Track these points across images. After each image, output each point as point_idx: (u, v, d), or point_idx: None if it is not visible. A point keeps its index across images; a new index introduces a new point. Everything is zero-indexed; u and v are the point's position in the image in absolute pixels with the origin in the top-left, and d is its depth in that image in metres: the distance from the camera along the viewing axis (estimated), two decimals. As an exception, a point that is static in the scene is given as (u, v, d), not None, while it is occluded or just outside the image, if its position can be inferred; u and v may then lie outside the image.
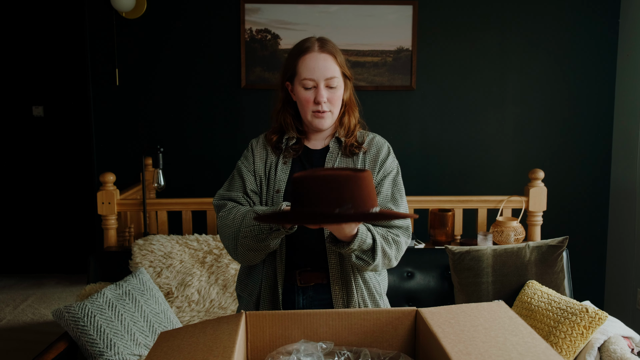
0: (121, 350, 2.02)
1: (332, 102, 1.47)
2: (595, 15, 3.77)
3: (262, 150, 1.54)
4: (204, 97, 3.83)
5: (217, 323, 1.15)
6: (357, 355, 1.15)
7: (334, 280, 1.47)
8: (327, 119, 1.48)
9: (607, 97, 3.83)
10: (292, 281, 1.47)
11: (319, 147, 1.54)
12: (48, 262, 4.51)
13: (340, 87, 1.48)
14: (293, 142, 1.52)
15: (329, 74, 1.44)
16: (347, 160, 1.51)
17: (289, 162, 1.51)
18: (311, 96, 1.45)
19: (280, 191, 1.47)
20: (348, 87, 1.52)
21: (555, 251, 2.38)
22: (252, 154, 1.54)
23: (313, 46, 1.46)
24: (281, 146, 1.52)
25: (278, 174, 1.49)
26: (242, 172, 1.52)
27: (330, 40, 1.51)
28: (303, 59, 1.45)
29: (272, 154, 1.53)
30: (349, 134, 1.52)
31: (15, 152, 4.45)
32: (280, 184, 1.48)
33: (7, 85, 4.39)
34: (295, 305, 1.49)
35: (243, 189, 1.50)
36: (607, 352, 1.99)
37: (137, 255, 2.48)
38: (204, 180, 3.89)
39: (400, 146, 3.85)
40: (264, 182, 1.50)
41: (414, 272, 2.53)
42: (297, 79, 1.46)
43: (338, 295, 1.47)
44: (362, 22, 3.75)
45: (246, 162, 1.54)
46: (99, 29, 3.74)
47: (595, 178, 3.88)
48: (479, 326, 1.10)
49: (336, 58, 1.47)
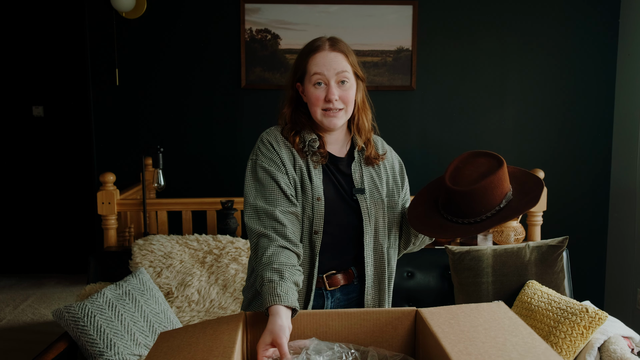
0: (121, 350, 2.02)
1: (345, 100, 1.42)
2: (595, 16, 3.77)
3: (287, 151, 1.43)
4: (204, 97, 3.83)
5: (217, 323, 1.15)
6: (365, 356, 1.15)
7: (369, 281, 1.47)
8: (339, 118, 1.42)
9: (607, 97, 3.83)
10: (318, 285, 1.46)
11: (341, 154, 1.50)
12: (48, 262, 4.51)
13: (352, 86, 1.43)
14: (318, 145, 1.44)
15: (341, 68, 1.40)
16: (369, 168, 1.50)
17: (319, 167, 1.43)
18: (321, 94, 1.40)
19: (321, 199, 1.40)
20: (360, 88, 1.48)
21: (555, 251, 2.38)
22: (277, 153, 1.42)
23: (324, 45, 1.42)
24: (304, 147, 1.44)
25: (314, 181, 1.41)
26: (273, 174, 1.39)
27: (342, 40, 1.47)
28: (313, 57, 1.41)
29: (299, 157, 1.43)
30: (367, 141, 1.50)
31: (15, 152, 4.45)
32: (319, 192, 1.41)
33: (7, 85, 4.39)
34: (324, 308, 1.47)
35: (283, 194, 1.37)
36: (607, 352, 1.99)
37: (137, 255, 2.48)
38: (204, 180, 3.89)
39: (400, 146, 3.82)
40: (299, 186, 1.41)
41: (414, 272, 2.53)
42: (307, 76, 1.42)
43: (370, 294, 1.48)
44: (362, 22, 3.75)
45: (272, 163, 1.40)
46: (99, 29, 3.74)
47: (595, 178, 3.88)
48: (479, 326, 1.10)
49: (348, 57, 1.43)
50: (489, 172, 1.30)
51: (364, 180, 1.48)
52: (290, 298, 1.18)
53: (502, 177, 1.31)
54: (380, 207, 1.47)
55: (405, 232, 1.54)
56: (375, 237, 1.47)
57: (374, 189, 1.48)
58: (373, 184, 1.49)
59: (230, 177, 3.85)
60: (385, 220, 1.48)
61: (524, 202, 1.30)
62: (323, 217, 1.40)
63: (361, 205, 1.45)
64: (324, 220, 1.40)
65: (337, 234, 1.43)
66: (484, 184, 1.28)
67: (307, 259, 1.42)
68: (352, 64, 1.44)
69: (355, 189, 1.46)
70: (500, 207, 1.31)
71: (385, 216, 1.48)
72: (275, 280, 1.22)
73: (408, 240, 1.54)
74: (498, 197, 1.30)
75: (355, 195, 1.46)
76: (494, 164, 1.32)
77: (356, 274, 1.49)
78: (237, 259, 2.49)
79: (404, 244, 1.55)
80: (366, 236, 1.45)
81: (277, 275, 1.23)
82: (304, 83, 1.44)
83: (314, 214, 1.40)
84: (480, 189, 1.28)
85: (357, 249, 1.47)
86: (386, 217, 1.48)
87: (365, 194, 1.46)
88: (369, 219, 1.45)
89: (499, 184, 1.29)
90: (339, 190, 1.45)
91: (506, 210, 1.30)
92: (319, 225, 1.40)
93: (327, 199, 1.42)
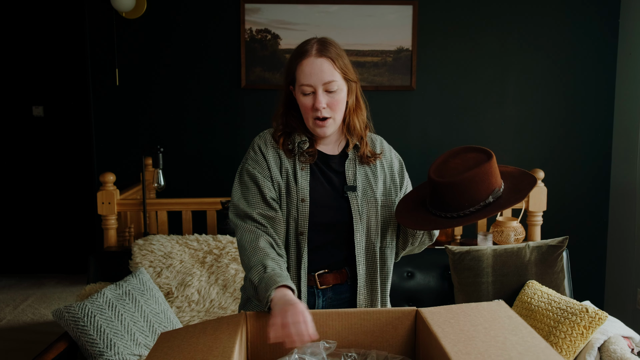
0: (121, 350, 2.02)
1: (333, 107, 1.41)
2: (595, 16, 3.77)
3: (274, 154, 1.45)
4: (204, 97, 3.83)
5: (218, 323, 1.15)
6: (364, 358, 1.15)
7: (361, 281, 1.47)
8: (328, 127, 1.43)
9: (607, 97, 3.83)
10: (310, 284, 1.46)
11: (333, 152, 1.50)
12: (48, 262, 4.51)
13: (340, 91, 1.42)
14: (307, 147, 1.46)
15: (327, 79, 1.39)
16: (364, 167, 1.50)
17: (306, 168, 1.45)
18: (310, 102, 1.40)
19: (306, 200, 1.41)
20: (353, 91, 1.47)
21: (555, 251, 2.38)
22: (264, 158, 1.44)
23: (311, 50, 1.40)
24: (294, 149, 1.46)
25: (300, 182, 1.43)
26: (257, 179, 1.43)
27: (332, 42, 1.44)
28: (300, 64, 1.40)
29: (286, 159, 1.45)
30: (360, 140, 1.50)
31: (15, 152, 4.45)
32: (304, 193, 1.42)
33: (7, 85, 4.39)
34: (315, 307, 1.47)
35: (262, 198, 1.41)
36: (607, 352, 1.99)
37: (137, 255, 2.48)
38: (204, 180, 3.89)
39: (400, 146, 3.81)
40: (283, 190, 1.43)
41: (414, 272, 2.53)
42: (297, 84, 1.42)
43: (362, 294, 1.47)
44: (362, 22, 3.75)
45: (258, 167, 1.44)
46: (99, 29, 3.74)
47: (595, 178, 3.88)
48: (479, 326, 1.10)
49: (335, 62, 1.40)
50: (475, 165, 1.29)
51: (357, 178, 1.48)
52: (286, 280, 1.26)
53: (489, 172, 1.28)
54: (373, 205, 1.47)
55: (403, 232, 1.54)
56: (367, 236, 1.47)
57: (368, 187, 1.48)
58: (367, 182, 1.49)
59: (230, 177, 3.79)
60: (378, 219, 1.48)
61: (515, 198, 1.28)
62: (308, 218, 1.41)
63: (351, 203, 1.45)
64: (311, 221, 1.41)
65: (325, 233, 1.44)
66: (467, 175, 1.26)
67: (294, 260, 1.43)
68: (341, 68, 1.42)
69: (346, 187, 1.46)
70: (487, 202, 1.28)
71: (379, 215, 1.48)
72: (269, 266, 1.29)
73: (406, 240, 1.54)
74: (484, 192, 1.27)
75: (346, 192, 1.46)
76: (482, 157, 1.30)
77: (349, 274, 1.49)
78: (237, 259, 2.49)
79: (402, 244, 1.55)
80: (357, 234, 1.45)
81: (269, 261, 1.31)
82: (295, 88, 1.45)
83: (299, 215, 1.41)
84: (464, 181, 1.26)
85: (348, 248, 1.47)
86: (379, 216, 1.48)
87: (357, 192, 1.46)
88: (359, 217, 1.45)
89: (485, 178, 1.27)
90: (328, 188, 1.45)
91: (492, 206, 1.28)
92: (304, 227, 1.41)
93: (313, 199, 1.42)
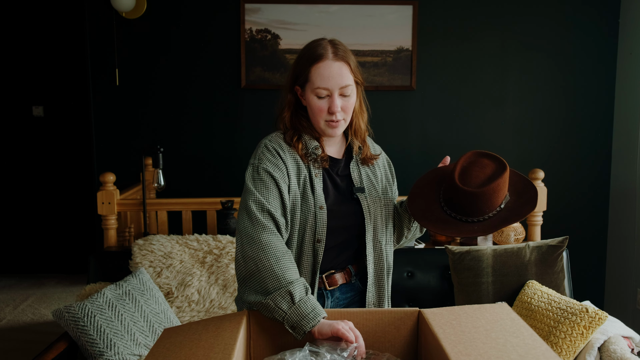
0: (121, 350, 2.02)
1: (346, 110, 1.43)
2: (595, 16, 3.77)
3: (292, 161, 1.43)
4: (204, 97, 3.83)
5: (220, 321, 1.16)
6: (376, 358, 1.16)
7: (370, 279, 1.49)
8: (340, 128, 1.45)
9: (607, 97, 3.83)
10: (318, 286, 1.46)
11: (339, 155, 1.52)
12: (48, 262, 4.51)
13: (353, 95, 1.44)
14: (320, 152, 1.46)
15: (344, 82, 1.40)
16: (365, 167, 1.54)
17: (319, 174, 1.45)
18: (324, 105, 1.40)
19: (324, 207, 1.41)
20: (359, 93, 1.49)
21: (555, 251, 2.38)
22: (284, 162, 1.41)
23: (327, 53, 1.40)
24: (307, 154, 1.46)
25: (316, 190, 1.42)
26: (278, 182, 1.38)
27: (342, 43, 1.45)
28: (317, 66, 1.39)
29: (303, 166, 1.44)
30: (362, 142, 1.54)
31: (15, 152, 4.45)
32: (321, 200, 1.42)
33: (7, 85, 4.39)
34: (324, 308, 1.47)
35: (281, 203, 1.38)
36: (607, 352, 1.99)
37: (137, 255, 2.47)
38: (203, 180, 3.89)
39: (400, 146, 3.86)
40: (298, 198, 1.41)
41: (414, 272, 2.53)
42: (310, 86, 1.41)
43: (371, 292, 1.49)
44: (362, 22, 3.75)
45: (278, 171, 1.39)
46: (99, 29, 3.74)
47: (595, 178, 3.88)
48: (480, 327, 1.10)
49: (350, 65, 1.42)
50: (496, 175, 1.37)
51: (362, 179, 1.51)
52: (319, 309, 1.22)
53: (506, 180, 1.39)
54: (379, 204, 1.50)
55: (398, 227, 1.59)
56: (374, 234, 1.49)
57: (372, 187, 1.52)
58: (370, 182, 1.52)
59: (230, 177, 3.85)
60: (383, 217, 1.51)
61: (520, 203, 1.39)
62: (326, 225, 1.41)
63: (362, 204, 1.47)
64: (327, 227, 1.41)
65: (339, 236, 1.45)
66: (493, 186, 1.35)
67: (309, 266, 1.42)
68: (354, 72, 1.44)
69: (355, 188, 1.49)
70: (501, 207, 1.38)
71: (383, 213, 1.51)
72: (303, 297, 1.23)
73: (401, 234, 1.59)
74: (500, 199, 1.38)
75: (355, 194, 1.48)
76: (499, 167, 1.39)
77: (354, 272, 1.50)
78: (238, 259, 2.49)
79: (397, 239, 1.60)
80: (367, 234, 1.47)
81: (303, 288, 1.26)
82: (305, 90, 1.44)
83: (317, 223, 1.40)
84: (489, 191, 1.35)
85: (355, 247, 1.49)
86: (384, 213, 1.51)
87: (365, 193, 1.49)
88: (370, 217, 1.48)
89: (503, 186, 1.37)
90: (338, 193, 1.47)
91: (504, 211, 1.38)
92: (322, 234, 1.40)
93: (329, 205, 1.43)
